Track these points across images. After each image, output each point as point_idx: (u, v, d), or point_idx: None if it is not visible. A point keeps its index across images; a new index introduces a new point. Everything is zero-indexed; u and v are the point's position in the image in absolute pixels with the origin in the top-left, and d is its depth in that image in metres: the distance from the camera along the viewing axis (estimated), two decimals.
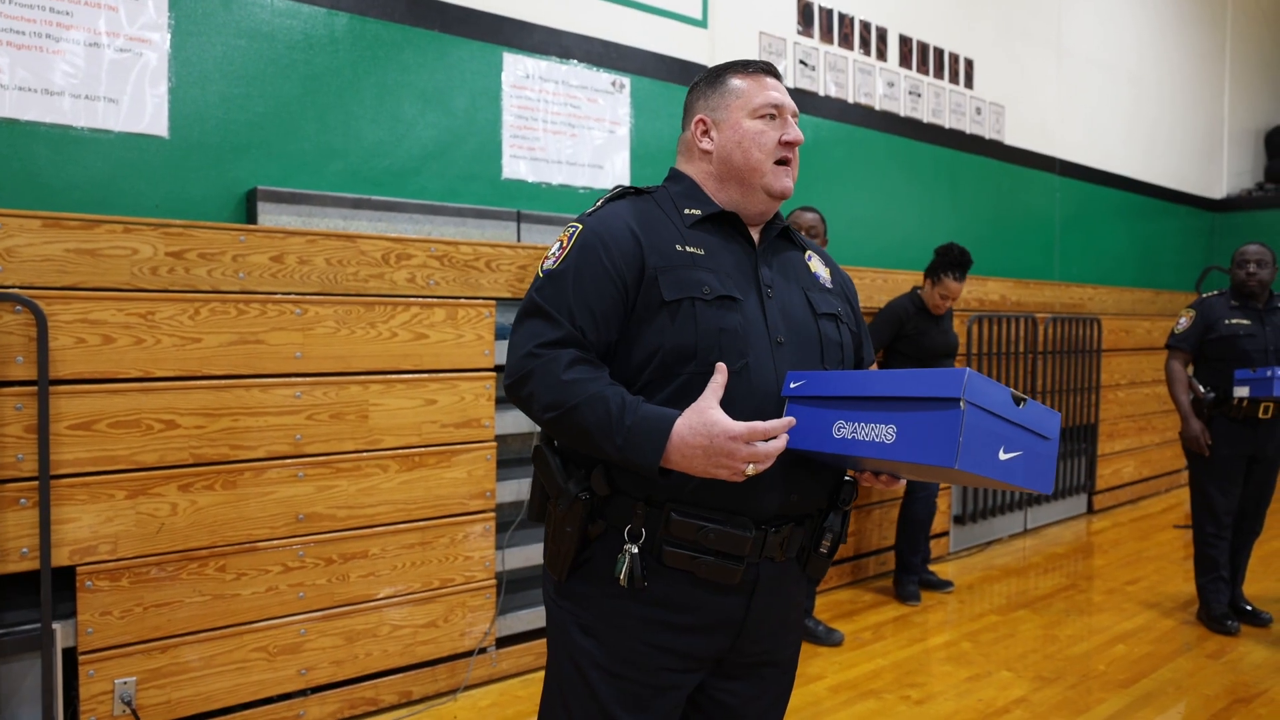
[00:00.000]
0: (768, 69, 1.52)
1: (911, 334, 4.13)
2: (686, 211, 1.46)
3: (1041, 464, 1.24)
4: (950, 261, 4.07)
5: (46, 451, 2.36)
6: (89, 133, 2.93)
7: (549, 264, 1.41)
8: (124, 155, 2.99)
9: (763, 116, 1.47)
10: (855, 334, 1.56)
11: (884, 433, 1.22)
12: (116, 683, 2.48)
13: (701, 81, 1.55)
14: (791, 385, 1.35)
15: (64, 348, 2.41)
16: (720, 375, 1.29)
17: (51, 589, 2.38)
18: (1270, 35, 9.82)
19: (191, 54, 3.11)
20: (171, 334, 2.56)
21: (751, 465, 1.24)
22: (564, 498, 1.38)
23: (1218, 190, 9.19)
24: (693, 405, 1.27)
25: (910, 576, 4.29)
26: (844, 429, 1.26)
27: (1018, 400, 1.21)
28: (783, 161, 1.47)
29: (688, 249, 1.40)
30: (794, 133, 1.48)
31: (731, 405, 1.29)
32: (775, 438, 1.26)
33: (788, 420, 1.27)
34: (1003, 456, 1.18)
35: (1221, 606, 3.89)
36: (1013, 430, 1.20)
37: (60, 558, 2.40)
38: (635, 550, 1.34)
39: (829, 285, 1.55)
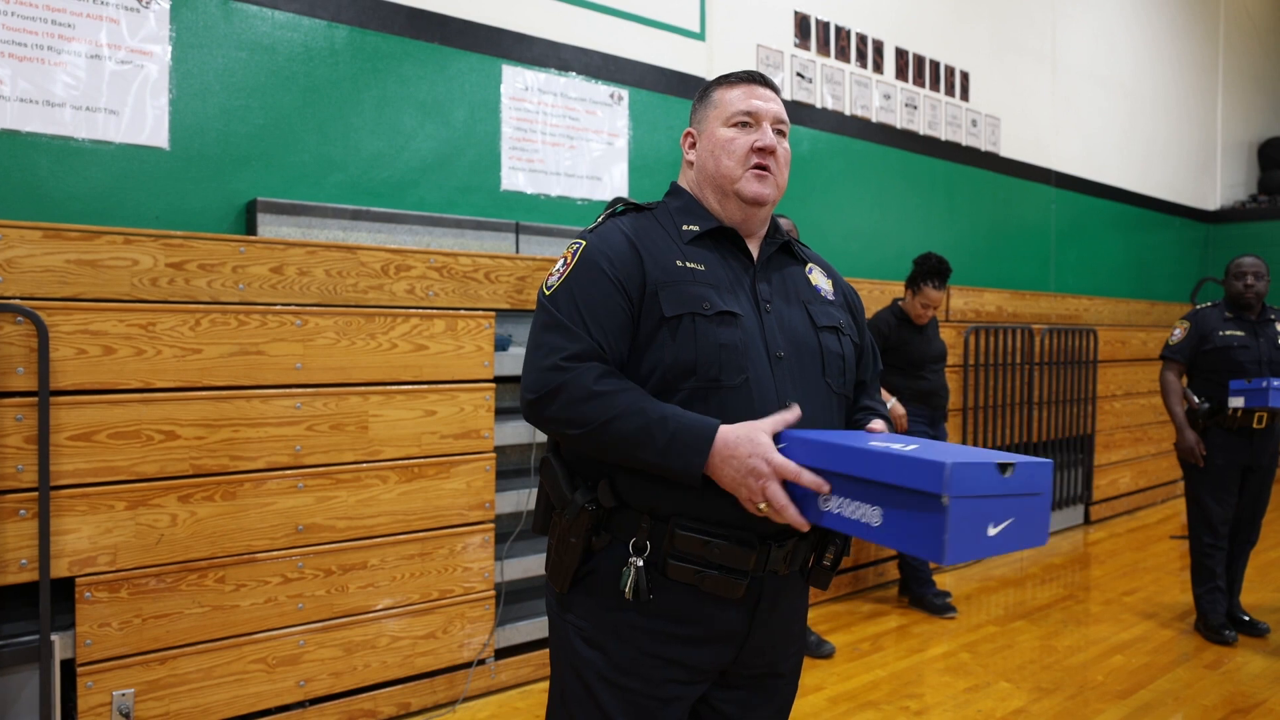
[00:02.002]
0: (751, 77, 1.50)
1: (896, 345, 4.16)
2: (685, 227, 1.46)
3: (1033, 520, 1.17)
4: (929, 270, 4.11)
5: (46, 462, 2.36)
6: (90, 144, 2.94)
7: (554, 280, 1.41)
8: (124, 167, 3.00)
9: (736, 124, 1.46)
10: (858, 345, 1.56)
11: (871, 514, 1.15)
12: (115, 694, 2.47)
13: (695, 96, 1.57)
14: (779, 445, 1.27)
15: (65, 358, 2.41)
16: (791, 415, 1.28)
17: (50, 600, 2.38)
18: (1262, 49, 9.90)
19: (192, 66, 3.12)
20: (172, 345, 2.56)
21: (764, 504, 1.23)
22: (570, 508, 1.38)
23: (1212, 202, 9.24)
24: (750, 422, 1.27)
25: (929, 588, 4.27)
26: (830, 503, 1.20)
27: (1004, 469, 1.12)
28: (759, 167, 1.45)
29: (688, 264, 1.41)
30: (766, 139, 1.44)
31: (731, 422, 1.30)
32: (792, 506, 1.23)
33: (821, 482, 1.20)
34: (991, 533, 1.12)
35: (1219, 617, 3.89)
36: (1001, 502, 1.12)
37: (59, 569, 2.40)
38: (640, 563, 1.34)
39: (831, 297, 1.55)
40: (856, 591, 4.55)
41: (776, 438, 1.27)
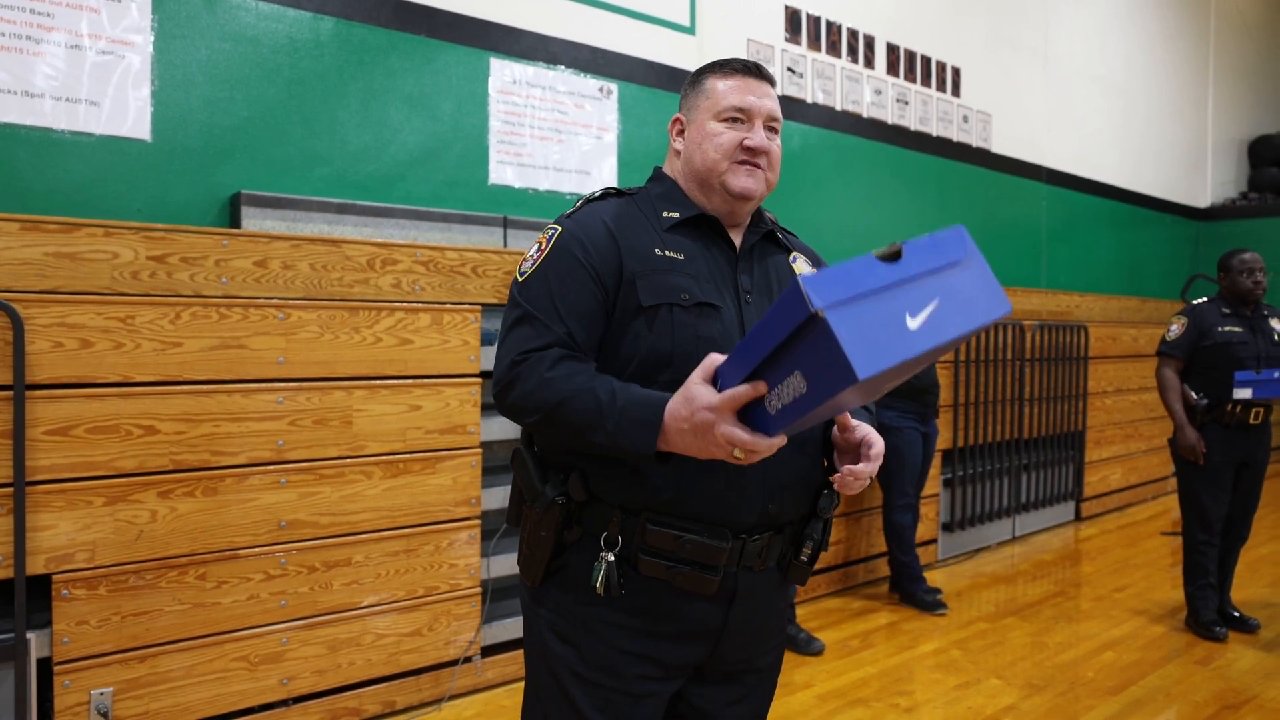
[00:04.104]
0: (747, 68, 1.44)
1: None
2: (665, 214, 1.42)
3: (972, 292, 1.04)
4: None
5: (22, 457, 2.32)
6: (70, 135, 2.90)
7: (527, 266, 1.38)
8: (106, 159, 2.96)
9: (727, 120, 1.41)
10: None
11: (798, 383, 1.02)
12: (93, 693, 2.43)
13: (687, 80, 1.52)
14: (716, 384, 1.16)
15: (41, 352, 2.37)
16: (716, 357, 1.16)
17: (26, 598, 2.34)
18: (1253, 47, 9.91)
19: (175, 57, 3.08)
20: (152, 338, 2.52)
21: (737, 449, 1.09)
22: (540, 501, 1.36)
23: (1203, 199, 9.25)
24: (684, 384, 1.18)
25: (920, 585, 4.26)
26: (773, 400, 1.07)
27: (890, 257, 1.00)
28: (748, 162, 1.40)
29: (667, 253, 1.37)
30: (757, 138, 1.40)
31: None
32: (754, 436, 1.10)
33: (756, 384, 1.07)
34: (914, 324, 0.98)
35: (1210, 613, 3.89)
36: (908, 290, 1.00)
37: (36, 566, 2.36)
38: (611, 558, 1.32)
39: None
40: (846, 588, 4.53)
41: (714, 379, 1.15)
